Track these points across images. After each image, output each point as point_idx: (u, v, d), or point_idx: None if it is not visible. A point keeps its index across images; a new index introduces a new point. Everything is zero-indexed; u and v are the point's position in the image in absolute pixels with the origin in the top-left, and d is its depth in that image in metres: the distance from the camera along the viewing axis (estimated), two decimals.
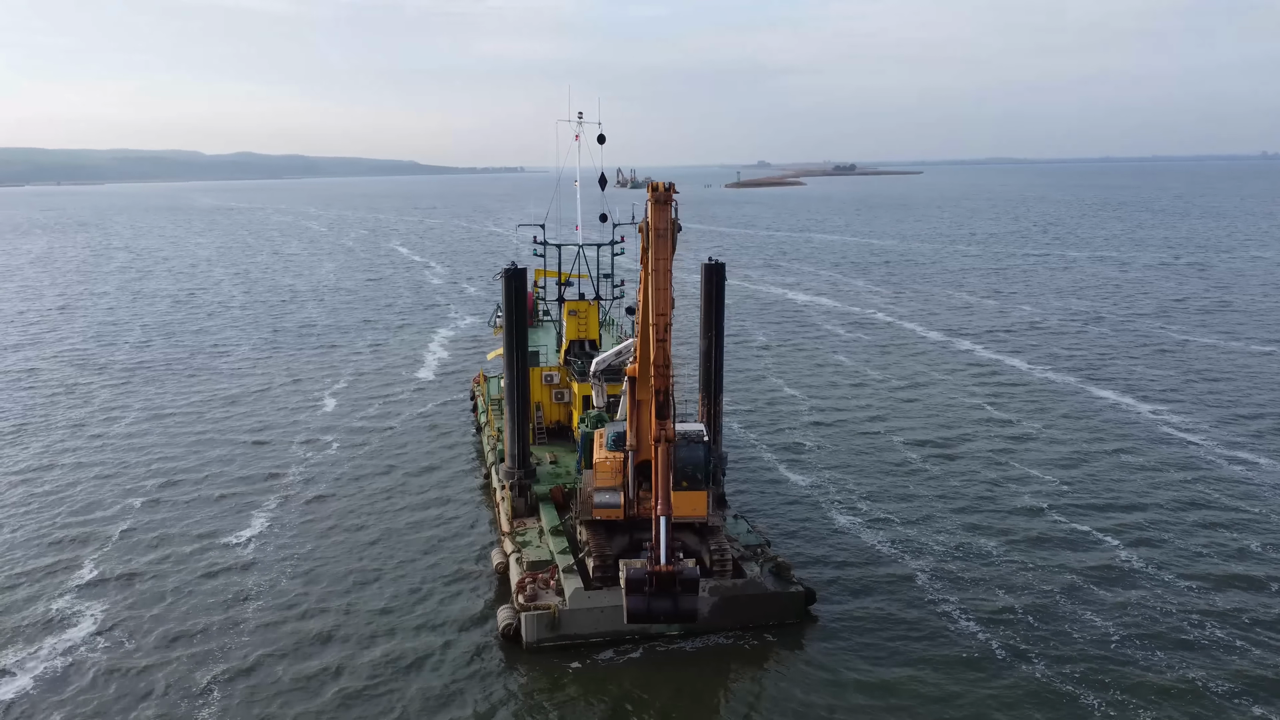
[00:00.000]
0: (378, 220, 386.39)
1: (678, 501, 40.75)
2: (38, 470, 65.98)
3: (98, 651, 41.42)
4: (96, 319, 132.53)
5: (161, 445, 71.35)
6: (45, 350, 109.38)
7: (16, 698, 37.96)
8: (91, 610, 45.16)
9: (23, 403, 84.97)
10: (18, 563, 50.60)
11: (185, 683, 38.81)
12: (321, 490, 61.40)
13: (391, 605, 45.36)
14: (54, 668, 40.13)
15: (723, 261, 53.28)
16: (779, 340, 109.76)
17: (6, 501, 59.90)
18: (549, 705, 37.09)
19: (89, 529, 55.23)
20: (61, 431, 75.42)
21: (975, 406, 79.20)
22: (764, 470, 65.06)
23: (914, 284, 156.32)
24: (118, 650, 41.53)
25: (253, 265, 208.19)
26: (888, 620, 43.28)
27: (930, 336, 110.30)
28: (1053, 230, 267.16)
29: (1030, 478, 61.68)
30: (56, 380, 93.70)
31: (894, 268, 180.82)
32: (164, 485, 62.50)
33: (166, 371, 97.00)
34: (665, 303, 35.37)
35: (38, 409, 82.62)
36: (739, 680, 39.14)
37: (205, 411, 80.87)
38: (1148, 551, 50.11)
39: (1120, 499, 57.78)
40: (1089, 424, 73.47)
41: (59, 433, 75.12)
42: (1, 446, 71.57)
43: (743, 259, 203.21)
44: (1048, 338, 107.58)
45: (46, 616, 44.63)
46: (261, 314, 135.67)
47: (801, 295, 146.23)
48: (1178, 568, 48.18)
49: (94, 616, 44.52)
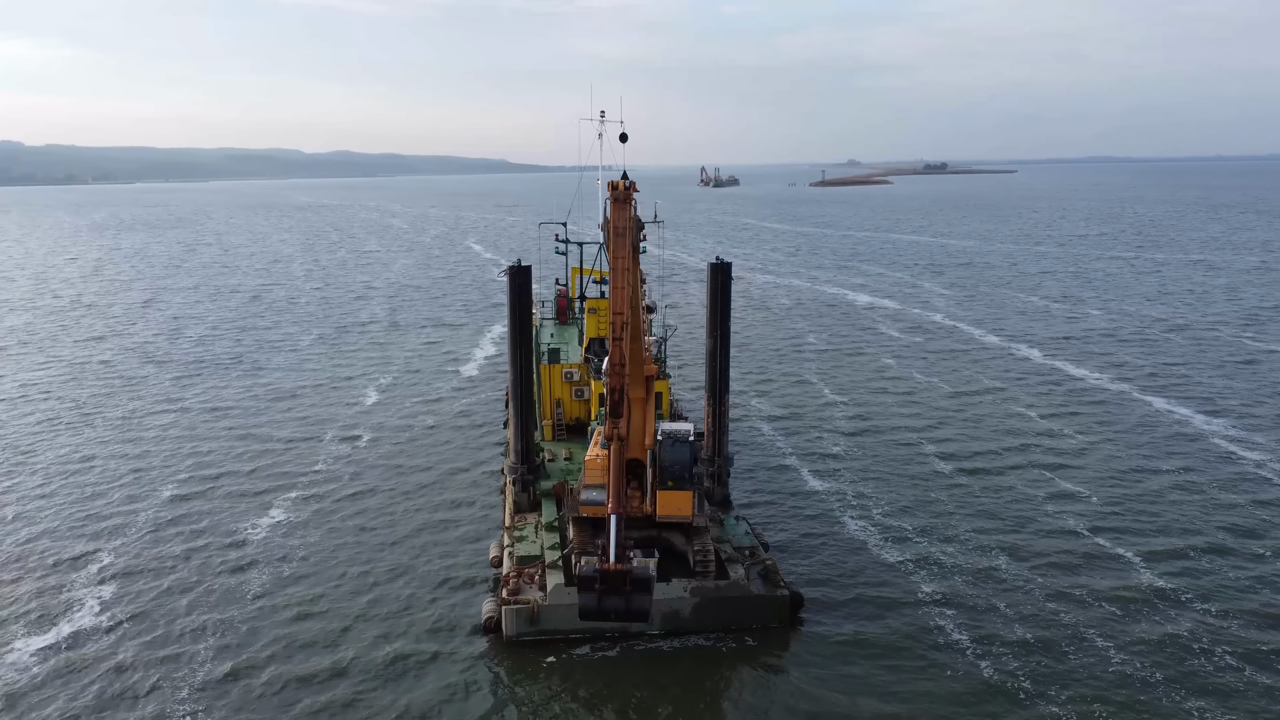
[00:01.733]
0: (459, 218, 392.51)
1: (663, 501, 42.12)
2: (81, 459, 68.13)
3: (89, 644, 42.30)
4: (172, 313, 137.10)
5: (201, 438, 73.03)
6: (123, 342, 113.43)
7: (19, 678, 38.96)
8: (96, 597, 46.24)
9: (89, 391, 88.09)
10: (40, 545, 52.25)
11: (179, 664, 39.49)
12: (348, 485, 62.04)
13: (390, 594, 46.35)
14: (45, 655, 41.14)
15: (729, 261, 52.45)
16: (830, 343, 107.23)
17: (39, 488, 61.98)
18: (519, 697, 37.63)
19: (111, 519, 56.71)
20: (114, 421, 77.82)
21: (1026, 418, 75.65)
22: (785, 473, 63.75)
23: (984, 287, 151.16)
24: (109, 641, 42.36)
25: (331, 261, 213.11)
26: (879, 640, 41.58)
27: (989, 342, 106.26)
28: (1146, 232, 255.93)
29: (1075, 497, 58.32)
30: (123, 372, 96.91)
31: (968, 270, 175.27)
32: (195, 477, 63.91)
33: (224, 366, 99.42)
34: (622, 301, 34.83)
35: (99, 399, 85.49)
36: (709, 681, 38.58)
37: (251, 406, 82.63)
38: (1192, 582, 46.58)
39: (1173, 524, 53.98)
40: (1150, 440, 69.21)
41: (111, 422, 77.54)
42: (58, 433, 74.10)
43: (813, 259, 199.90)
44: (1118, 346, 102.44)
45: (51, 602, 45.87)
46: (329, 310, 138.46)
47: (865, 297, 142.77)
48: (1224, 602, 44.52)
49: (95, 605, 45.55)
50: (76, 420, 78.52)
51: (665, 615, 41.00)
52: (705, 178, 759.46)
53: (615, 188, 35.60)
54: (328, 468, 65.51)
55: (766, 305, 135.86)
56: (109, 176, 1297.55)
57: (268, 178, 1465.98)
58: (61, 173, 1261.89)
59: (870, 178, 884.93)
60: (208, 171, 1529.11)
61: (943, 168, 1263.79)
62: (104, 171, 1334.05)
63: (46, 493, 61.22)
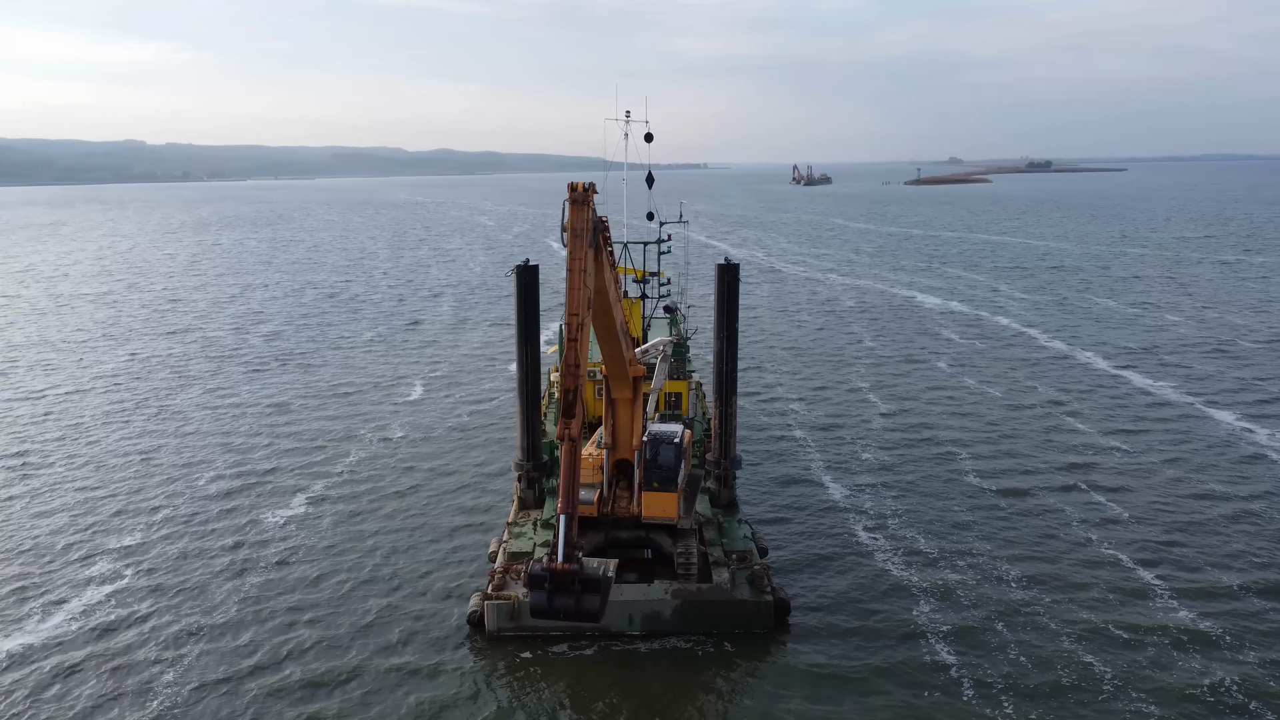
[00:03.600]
0: (545, 215, 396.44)
1: (648, 502, 42.66)
2: (118, 454, 70.49)
3: (75, 641, 43.57)
4: (250, 308, 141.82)
5: (241, 433, 75.01)
6: (197, 336, 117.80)
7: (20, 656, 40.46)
8: (94, 588, 47.67)
9: (152, 385, 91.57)
10: (60, 532, 54.35)
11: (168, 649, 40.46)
12: (374, 481, 62.98)
13: (391, 583, 47.69)
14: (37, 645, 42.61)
15: (737, 263, 51.76)
16: (887, 347, 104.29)
17: (71, 478, 64.45)
18: (486, 690, 38.33)
19: (127, 513, 58.45)
20: (165, 414, 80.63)
21: (1082, 434, 71.83)
22: (808, 478, 62.56)
23: (1065, 291, 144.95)
24: (101, 637, 43.54)
25: (412, 259, 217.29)
26: (865, 659, 40.09)
27: (1057, 349, 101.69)
28: (1260, 235, 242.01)
29: (1123, 523, 54.06)
30: (190, 365, 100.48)
31: (1056, 274, 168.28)
32: (229, 472, 65.69)
33: (286, 361, 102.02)
34: (579, 302, 34.54)
35: (161, 391, 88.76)
36: (680, 684, 38.36)
37: (302, 402, 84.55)
38: (1240, 626, 42.23)
39: (1231, 560, 48.86)
40: (1221, 465, 63.55)
41: (162, 414, 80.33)
42: (112, 427, 76.97)
43: (892, 260, 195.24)
44: (1203, 359, 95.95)
45: (41, 592, 47.50)
46: (400, 308, 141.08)
47: (934, 299, 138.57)
48: (1266, 650, 40.42)
49: (89, 599, 46.84)
50: (133, 411, 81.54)
51: (646, 616, 41.35)
52: (797, 176, 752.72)
53: (574, 189, 35.10)
54: (359, 465, 66.62)
55: (830, 308, 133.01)
56: (222, 174, 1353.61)
57: (371, 175, 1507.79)
58: (179, 170, 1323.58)
59: (969, 176, 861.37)
60: (315, 169, 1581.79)
61: (1047, 166, 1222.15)
62: (218, 169, 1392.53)
63: (82, 484, 63.61)
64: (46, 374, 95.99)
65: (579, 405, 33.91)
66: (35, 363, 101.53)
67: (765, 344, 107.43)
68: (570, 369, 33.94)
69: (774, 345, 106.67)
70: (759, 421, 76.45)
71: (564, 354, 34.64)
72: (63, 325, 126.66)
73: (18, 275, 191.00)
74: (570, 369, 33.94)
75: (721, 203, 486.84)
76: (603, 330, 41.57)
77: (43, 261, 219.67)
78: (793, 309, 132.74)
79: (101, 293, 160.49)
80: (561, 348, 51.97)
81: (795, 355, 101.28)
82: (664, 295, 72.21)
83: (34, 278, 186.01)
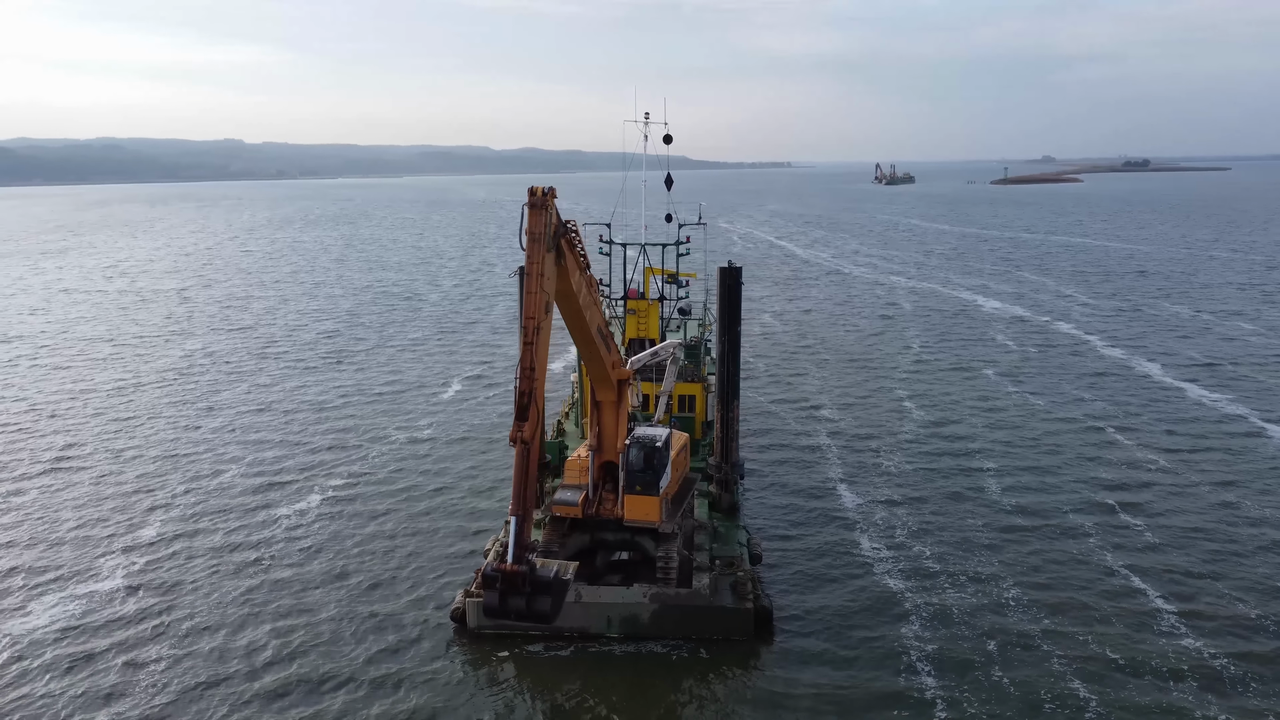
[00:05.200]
0: (619, 214, 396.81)
1: (629, 505, 42.94)
2: (151, 448, 72.68)
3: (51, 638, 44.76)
4: (314, 306, 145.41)
5: (279, 431, 76.76)
6: (254, 334, 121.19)
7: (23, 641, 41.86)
8: (103, 576, 49.19)
9: (203, 381, 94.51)
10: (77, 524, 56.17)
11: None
12: (393, 480, 63.68)
13: (390, 582, 48.44)
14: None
15: (740, 266, 51.49)
16: (935, 353, 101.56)
17: (102, 470, 66.64)
18: (462, 686, 38.90)
19: (142, 507, 60.12)
20: (204, 411, 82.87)
21: (1125, 449, 68.60)
22: (824, 488, 61.29)
23: (1139, 297, 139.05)
24: (91, 635, 44.70)
25: (477, 259, 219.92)
26: (841, 674, 38.99)
27: (1112, 358, 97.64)
28: None
29: (1158, 550, 49.93)
30: (238, 363, 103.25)
31: (1133, 279, 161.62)
32: (255, 468, 67.25)
33: (339, 360, 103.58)
34: (536, 306, 34.52)
35: (204, 389, 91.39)
36: (651, 687, 38.44)
37: (338, 401, 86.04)
38: (1259, 669, 39.17)
39: (1272, 596, 45.18)
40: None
41: (197, 412, 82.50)
42: (155, 422, 79.41)
43: (963, 263, 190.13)
44: (1274, 375, 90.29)
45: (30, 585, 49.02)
46: (461, 307, 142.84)
47: (996, 303, 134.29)
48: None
49: (85, 592, 48.30)
50: (178, 407, 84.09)
51: (624, 619, 41.69)
52: (880, 175, 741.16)
53: (533, 193, 34.84)
54: (380, 463, 67.44)
55: (886, 312, 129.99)
56: (314, 172, 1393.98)
57: (457, 174, 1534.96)
58: (274, 169, 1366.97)
59: (1060, 175, 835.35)
60: (402, 168, 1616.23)
61: (1144, 164, 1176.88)
62: (310, 168, 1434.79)
63: (106, 476, 65.68)
64: (106, 367, 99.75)
65: (533, 408, 33.62)
66: (104, 356, 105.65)
67: (811, 349, 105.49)
68: (526, 372, 33.86)
69: (819, 350, 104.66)
70: (788, 426, 75.07)
71: (520, 357, 34.43)
72: (135, 320, 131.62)
73: (105, 270, 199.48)
74: (526, 372, 33.86)
75: (797, 202, 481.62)
76: (578, 334, 41.53)
77: (130, 257, 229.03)
78: (849, 312, 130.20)
79: (178, 288, 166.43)
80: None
81: (840, 359, 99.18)
82: (682, 297, 71.43)
83: (119, 272, 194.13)
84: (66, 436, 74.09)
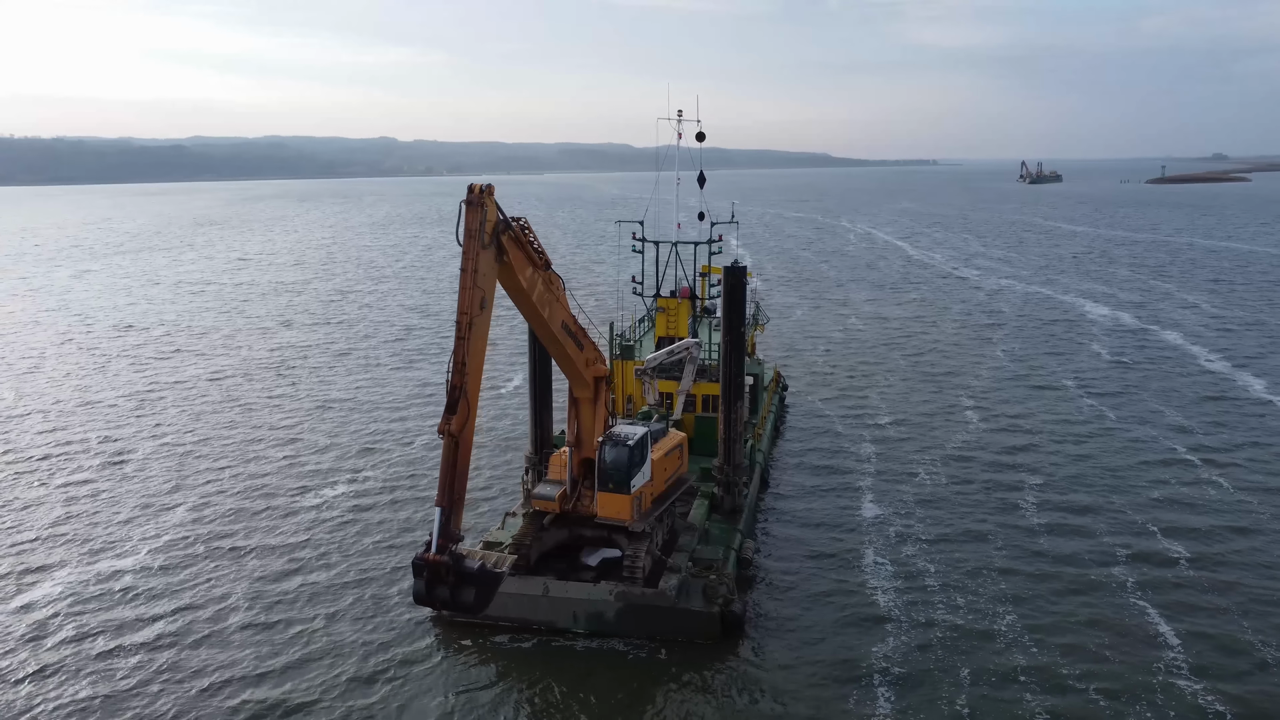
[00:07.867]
0: (744, 212, 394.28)
1: (602, 502, 43.53)
2: (196, 443, 76.14)
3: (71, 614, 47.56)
4: (408, 303, 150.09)
5: (332, 427, 79.38)
6: (318, 333, 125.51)
7: None
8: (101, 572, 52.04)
9: (277, 377, 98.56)
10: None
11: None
12: (409, 479, 64.90)
13: (375, 566, 49.79)
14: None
15: (744, 265, 51.19)
16: (1017, 360, 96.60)
17: (142, 463, 70.29)
18: (417, 670, 39.78)
19: (140, 509, 62.82)
20: (236, 409, 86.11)
21: (1193, 469, 63.58)
22: (842, 494, 59.80)
23: (1269, 306, 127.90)
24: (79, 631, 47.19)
25: (592, 255, 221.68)
26: (801, 689, 37.78)
27: (1216, 372, 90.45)
28: None
29: (1199, 613, 43.45)
30: (288, 361, 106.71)
31: (1276, 287, 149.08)
32: (297, 464, 69.98)
33: (413, 359, 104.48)
34: (471, 301, 34.74)
35: (256, 388, 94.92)
36: (605, 684, 38.52)
37: (360, 406, 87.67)
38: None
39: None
40: None
41: (232, 410, 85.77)
42: (215, 418, 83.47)
43: (1091, 269, 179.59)
44: None
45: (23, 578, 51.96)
46: None
47: (1103, 309, 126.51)
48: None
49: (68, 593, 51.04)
50: (205, 407, 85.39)
51: (590, 616, 42.02)
52: (1025, 173, 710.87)
53: (471, 191, 35.80)
54: (398, 463, 68.40)
55: (979, 317, 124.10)
56: (460, 169, 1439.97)
57: (598, 171, 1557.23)
58: (422, 166, 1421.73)
59: (1224, 174, 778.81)
60: (544, 165, 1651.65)
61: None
62: (457, 164, 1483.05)
63: (127, 471, 69.12)
64: (196, 361, 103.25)
65: (463, 402, 33.90)
66: (200, 349, 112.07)
67: (885, 353, 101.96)
68: (458, 366, 34.37)
69: (893, 355, 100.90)
70: (834, 429, 73.14)
71: (454, 351, 34.79)
72: (244, 312, 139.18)
73: (236, 262, 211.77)
74: (458, 366, 34.37)
75: (930, 201, 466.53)
76: (540, 331, 41.88)
77: (261, 251, 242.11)
78: (941, 316, 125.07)
79: (296, 280, 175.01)
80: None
81: (913, 366, 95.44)
82: (714, 297, 70.58)
83: (252, 265, 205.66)
84: (145, 425, 78.94)
